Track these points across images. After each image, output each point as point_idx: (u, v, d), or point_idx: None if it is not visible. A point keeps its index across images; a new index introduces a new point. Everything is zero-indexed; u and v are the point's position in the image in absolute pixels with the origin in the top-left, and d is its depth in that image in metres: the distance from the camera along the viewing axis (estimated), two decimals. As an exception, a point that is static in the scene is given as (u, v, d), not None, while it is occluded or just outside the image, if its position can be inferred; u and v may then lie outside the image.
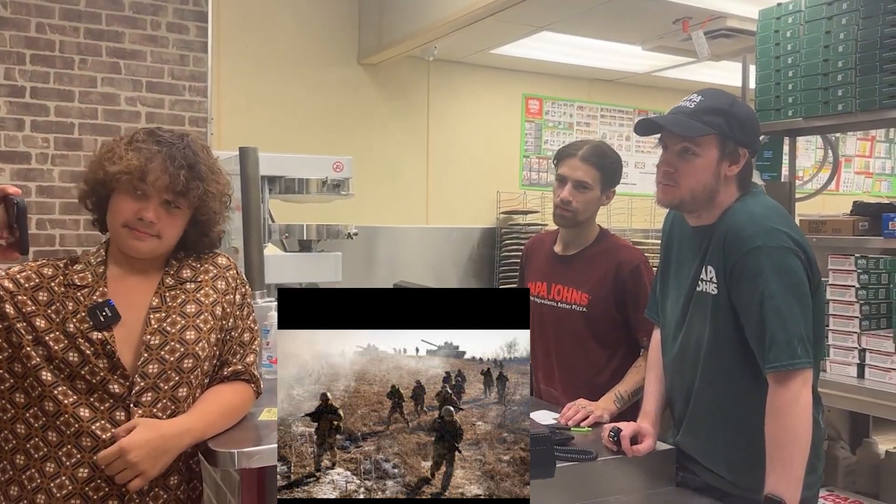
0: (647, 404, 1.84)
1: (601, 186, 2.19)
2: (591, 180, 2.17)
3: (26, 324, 1.44)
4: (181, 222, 1.52)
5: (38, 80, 3.54)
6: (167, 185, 1.45)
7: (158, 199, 1.46)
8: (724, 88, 1.77)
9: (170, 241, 1.52)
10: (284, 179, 3.40)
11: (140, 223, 1.46)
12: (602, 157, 2.20)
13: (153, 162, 1.45)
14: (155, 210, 1.46)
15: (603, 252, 2.23)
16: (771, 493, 1.48)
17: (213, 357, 1.57)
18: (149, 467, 1.38)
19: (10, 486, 1.44)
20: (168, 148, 1.47)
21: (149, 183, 1.45)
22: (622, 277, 2.16)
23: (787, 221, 1.62)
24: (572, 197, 2.17)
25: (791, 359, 1.50)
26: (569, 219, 2.21)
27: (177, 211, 1.49)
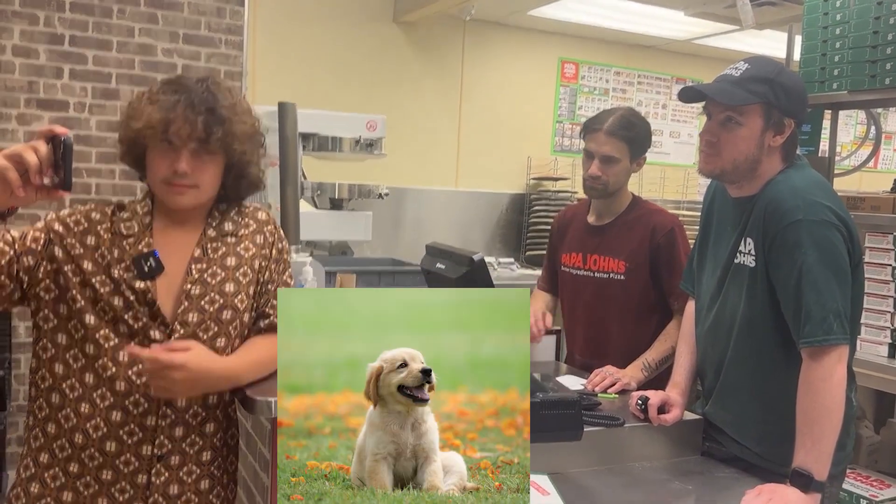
0: (676, 374, 1.85)
1: (630, 157, 2.20)
2: (618, 153, 2.17)
3: (74, 266, 1.47)
4: (215, 169, 1.51)
5: (77, 29, 3.55)
6: (190, 133, 1.44)
7: (187, 148, 1.45)
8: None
9: (208, 189, 1.52)
10: (318, 137, 3.41)
11: (175, 176, 1.46)
12: (628, 128, 2.18)
13: (174, 112, 1.44)
14: (186, 160, 1.45)
15: (637, 218, 2.23)
16: (799, 466, 1.48)
17: (251, 310, 1.60)
18: (181, 391, 1.43)
19: (48, 424, 1.48)
20: (187, 95, 1.46)
21: (173, 134, 1.44)
22: (657, 242, 2.17)
23: (830, 195, 1.60)
24: (601, 172, 2.18)
25: (826, 334, 1.49)
26: (600, 190, 2.22)
27: (207, 157, 1.48)
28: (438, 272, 1.96)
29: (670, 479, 1.66)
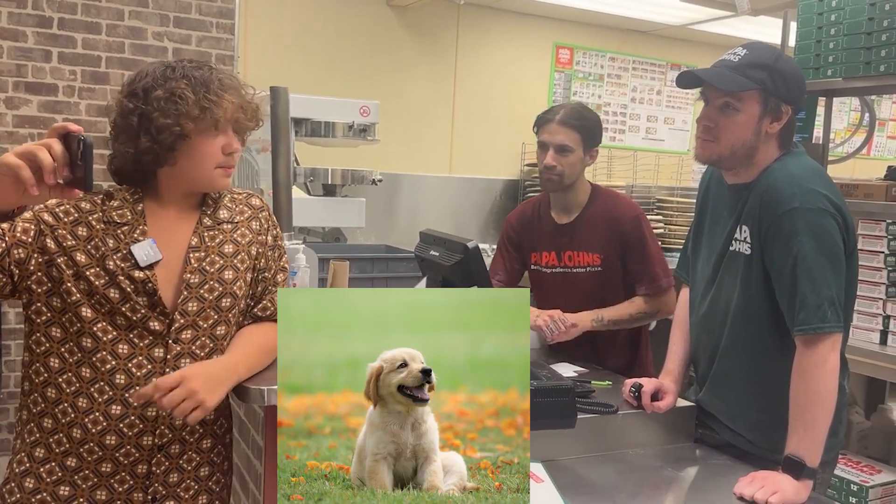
0: (669, 362, 1.85)
1: (583, 147, 2.23)
2: (571, 143, 2.20)
3: (67, 258, 1.45)
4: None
5: (66, 11, 3.50)
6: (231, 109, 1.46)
7: (231, 127, 1.48)
8: (764, 43, 1.73)
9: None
10: (311, 122, 3.39)
11: (230, 158, 1.48)
12: (580, 118, 2.22)
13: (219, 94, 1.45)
14: (233, 139, 1.49)
15: (601, 209, 2.27)
16: (792, 453, 1.49)
17: (248, 296, 1.59)
18: (208, 397, 1.39)
19: (44, 419, 1.46)
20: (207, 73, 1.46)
21: (219, 117, 1.45)
22: (623, 229, 2.23)
23: (826, 183, 1.59)
24: (556, 161, 2.21)
25: (820, 322, 1.49)
26: (556, 182, 2.25)
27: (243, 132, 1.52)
28: (432, 259, 1.96)
29: (663, 465, 1.67)
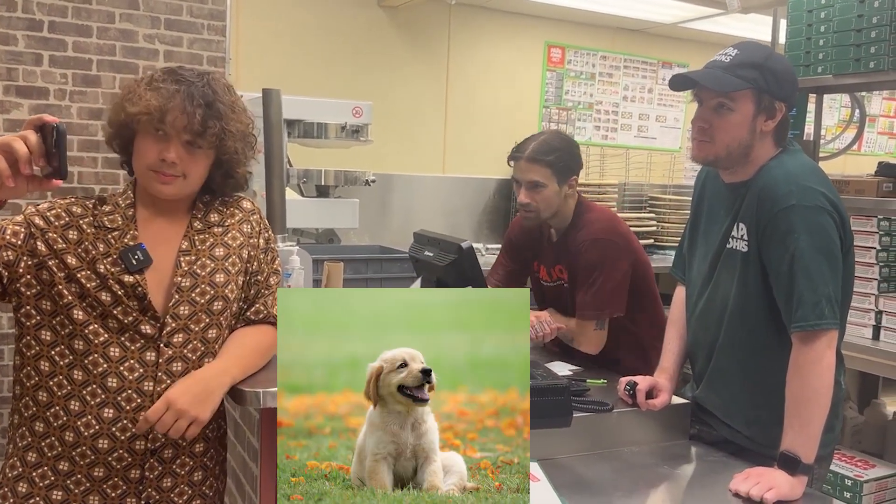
0: (665, 360, 1.86)
1: (557, 180, 2.18)
2: (542, 178, 2.16)
3: (58, 261, 1.44)
4: (204, 162, 1.50)
5: (56, 14, 3.48)
6: (185, 125, 1.43)
7: (179, 139, 1.44)
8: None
9: (195, 181, 1.51)
10: (303, 123, 3.38)
11: (163, 165, 1.44)
12: (549, 152, 2.16)
13: (172, 102, 1.42)
14: (177, 151, 1.44)
15: (575, 228, 2.24)
16: (787, 449, 1.50)
17: (240, 299, 1.59)
18: (200, 411, 1.39)
19: (35, 422, 1.46)
20: (187, 87, 1.44)
21: (168, 123, 1.43)
22: (578, 250, 2.19)
23: (823, 181, 1.60)
24: (529, 198, 2.18)
25: (818, 319, 1.50)
26: (533, 218, 2.23)
27: (198, 151, 1.47)
28: (426, 259, 1.96)
29: (659, 463, 1.67)
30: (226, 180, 1.58)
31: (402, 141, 4.62)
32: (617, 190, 5.01)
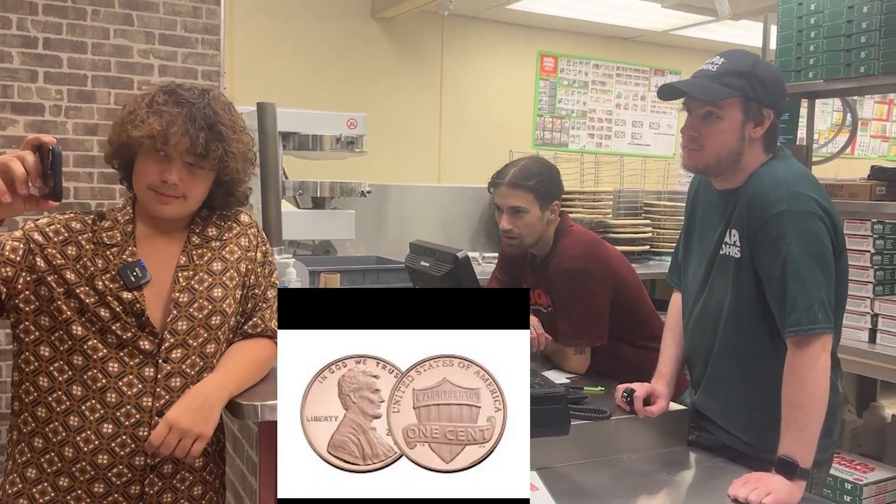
0: (662, 366, 1.86)
1: (539, 206, 2.15)
2: (524, 204, 2.13)
3: (57, 276, 1.45)
4: (205, 183, 1.51)
5: (51, 31, 3.50)
6: (188, 147, 1.44)
7: (181, 161, 1.45)
8: (744, 49, 1.75)
9: (195, 201, 1.52)
10: (298, 136, 3.39)
11: (164, 186, 1.45)
12: (529, 177, 2.14)
13: (174, 125, 1.43)
14: (178, 172, 1.45)
15: (554, 255, 2.20)
16: (784, 454, 1.50)
17: (238, 313, 1.59)
18: (202, 428, 1.40)
19: (34, 438, 1.46)
20: (189, 108, 1.45)
21: (170, 146, 1.43)
22: (556, 278, 2.17)
23: (813, 186, 1.62)
24: (512, 224, 2.15)
25: (811, 323, 1.51)
26: (516, 245, 2.20)
27: (200, 172, 1.48)
28: (423, 270, 1.96)
29: (658, 470, 1.67)
30: (226, 198, 1.59)
31: (397, 151, 4.64)
32: (612, 197, 5.02)
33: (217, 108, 1.49)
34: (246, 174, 1.57)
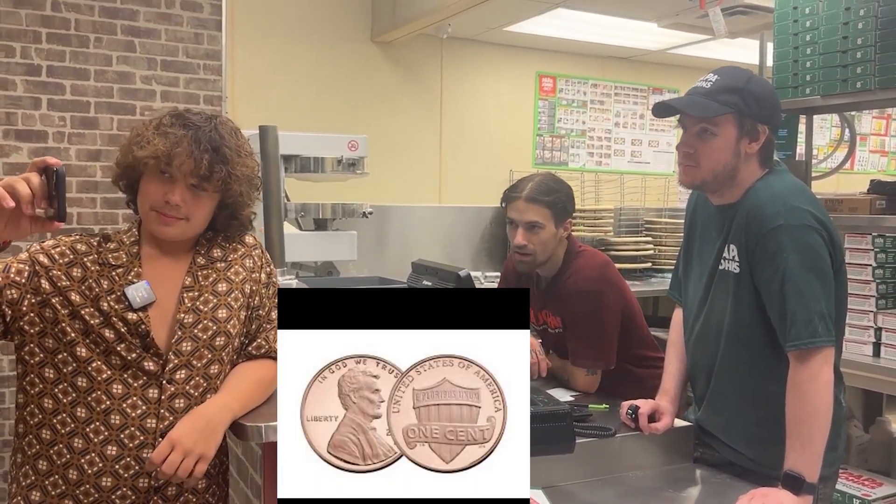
0: (666, 382, 1.86)
1: (554, 222, 2.12)
2: (541, 219, 2.10)
3: (62, 298, 1.46)
4: (208, 205, 1.52)
5: (54, 59, 3.54)
6: (191, 169, 1.45)
7: (184, 182, 1.46)
8: (742, 66, 1.77)
9: (198, 223, 1.53)
10: (300, 158, 3.41)
11: (167, 207, 1.47)
12: (547, 193, 2.11)
13: (179, 146, 1.45)
14: (181, 193, 1.46)
15: (567, 276, 2.18)
16: (790, 469, 1.50)
17: (242, 334, 1.60)
18: (205, 448, 1.40)
19: (39, 461, 1.46)
20: (194, 131, 1.47)
21: (174, 167, 1.45)
22: (572, 299, 2.15)
23: (810, 200, 1.62)
24: (527, 240, 2.11)
25: (811, 337, 1.51)
26: (529, 262, 2.16)
27: (203, 194, 1.49)
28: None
29: (663, 487, 1.67)
30: (230, 221, 1.60)
31: (398, 172, 4.66)
32: (613, 215, 5.04)
33: (223, 132, 1.51)
34: (250, 198, 1.59)
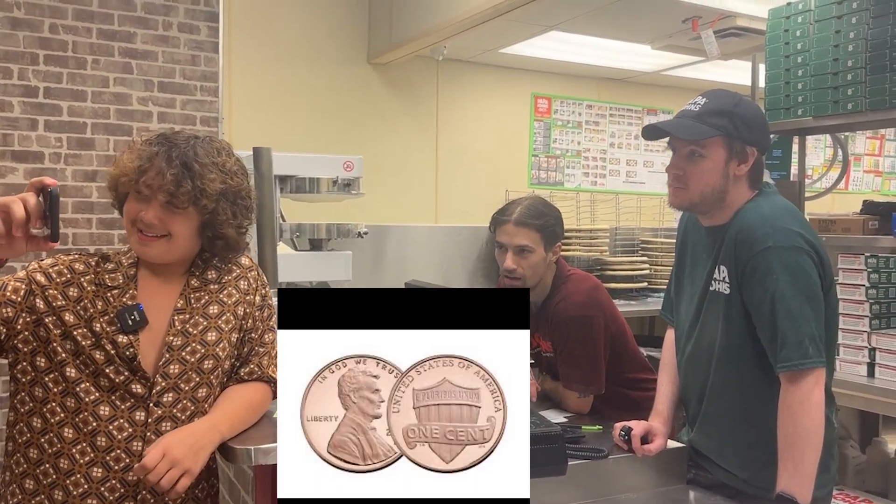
0: (659, 403, 1.86)
1: (544, 246, 2.11)
2: (531, 243, 2.09)
3: (56, 318, 1.46)
4: (188, 223, 1.47)
5: (52, 81, 3.56)
6: (160, 185, 1.42)
7: (157, 200, 1.44)
8: (734, 88, 1.78)
9: (181, 243, 1.49)
10: (295, 179, 3.42)
11: (141, 226, 1.45)
12: (537, 216, 2.10)
13: (150, 163, 1.43)
14: (155, 212, 1.44)
15: (557, 300, 2.17)
16: (782, 490, 1.49)
17: (233, 357, 1.59)
18: (192, 463, 1.38)
19: (25, 480, 1.45)
20: (167, 149, 1.45)
21: (144, 184, 1.43)
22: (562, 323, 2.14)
23: (799, 221, 1.63)
24: (516, 264, 2.09)
25: (802, 358, 1.51)
26: (518, 287, 2.12)
27: (178, 211, 1.45)
28: (418, 310, 1.97)
29: (657, 509, 1.66)
30: (215, 241, 1.53)
31: (394, 192, 4.68)
32: (608, 234, 5.05)
33: (199, 150, 1.46)
34: (234, 216, 1.52)
